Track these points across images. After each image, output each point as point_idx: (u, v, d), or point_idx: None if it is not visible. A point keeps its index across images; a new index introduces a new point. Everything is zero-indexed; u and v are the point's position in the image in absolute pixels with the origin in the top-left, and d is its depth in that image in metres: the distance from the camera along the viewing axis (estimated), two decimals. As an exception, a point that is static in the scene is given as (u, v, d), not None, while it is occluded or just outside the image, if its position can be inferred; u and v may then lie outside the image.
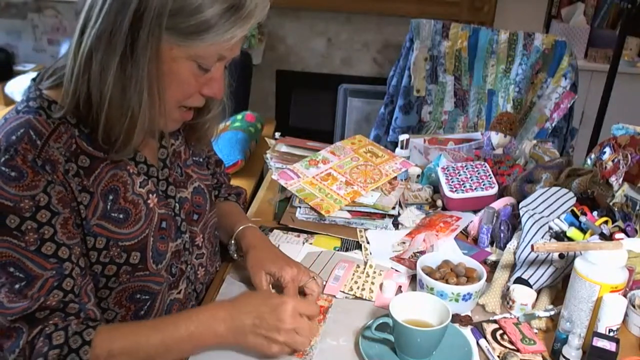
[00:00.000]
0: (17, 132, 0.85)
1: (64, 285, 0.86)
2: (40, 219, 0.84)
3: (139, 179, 0.97)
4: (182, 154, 1.09)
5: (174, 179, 1.05)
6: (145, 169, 0.99)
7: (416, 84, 2.46)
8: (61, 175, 0.86)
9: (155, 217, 0.98)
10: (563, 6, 3.37)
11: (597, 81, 2.94)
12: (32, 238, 0.83)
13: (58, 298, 0.85)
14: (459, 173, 1.46)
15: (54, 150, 0.86)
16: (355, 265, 1.20)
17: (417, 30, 2.43)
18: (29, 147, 0.84)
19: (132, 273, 0.95)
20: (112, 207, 0.92)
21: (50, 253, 0.85)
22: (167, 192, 1.03)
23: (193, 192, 1.09)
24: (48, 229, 0.85)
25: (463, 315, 1.06)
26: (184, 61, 0.87)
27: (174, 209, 1.03)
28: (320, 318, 1.03)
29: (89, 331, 0.85)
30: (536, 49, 2.39)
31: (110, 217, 0.92)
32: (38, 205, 0.83)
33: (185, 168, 1.09)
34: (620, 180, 1.30)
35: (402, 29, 3.04)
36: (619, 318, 0.98)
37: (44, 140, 0.85)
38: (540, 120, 2.44)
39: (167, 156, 1.05)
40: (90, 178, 0.90)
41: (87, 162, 0.90)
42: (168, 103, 0.91)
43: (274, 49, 3.43)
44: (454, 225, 1.35)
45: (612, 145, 1.39)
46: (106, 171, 0.92)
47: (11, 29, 3.50)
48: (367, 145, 1.54)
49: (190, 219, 1.08)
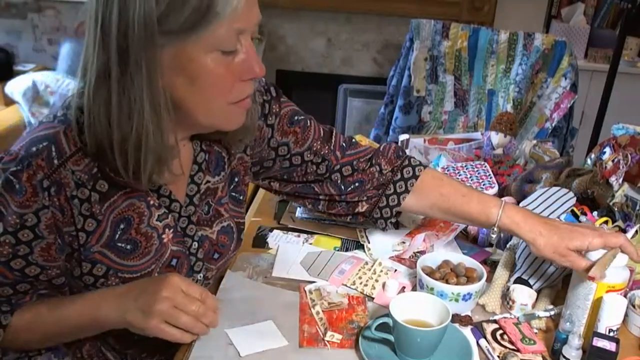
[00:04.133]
0: (40, 143, 0.82)
1: (18, 287, 0.88)
2: (20, 237, 0.83)
3: (157, 212, 0.93)
4: (217, 191, 1.02)
5: (198, 217, 0.99)
6: (167, 203, 0.94)
7: (416, 84, 2.46)
8: (63, 199, 0.84)
9: (166, 253, 0.95)
10: (563, 6, 3.37)
11: (597, 81, 2.95)
12: (6, 251, 0.83)
13: (5, 294, 0.87)
14: (459, 173, 1.46)
15: (67, 173, 0.83)
16: (364, 262, 1.20)
17: (417, 30, 2.43)
18: (44, 165, 0.81)
19: None
20: (120, 237, 0.90)
21: (17, 268, 0.85)
22: (186, 230, 0.98)
23: (219, 231, 1.03)
24: (24, 247, 0.84)
25: (463, 315, 1.06)
26: (205, 56, 0.80)
27: (190, 247, 0.99)
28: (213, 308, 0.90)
29: (6, 316, 0.88)
30: (536, 49, 2.39)
31: (116, 247, 0.90)
32: (23, 224, 0.82)
33: (217, 206, 1.02)
34: (620, 180, 1.30)
35: (402, 29, 3.05)
36: (619, 318, 0.98)
37: (62, 160, 0.83)
38: (540, 120, 2.44)
39: (197, 193, 0.99)
40: (105, 204, 0.88)
41: (105, 188, 0.87)
42: (214, 105, 0.85)
43: (274, 49, 3.43)
44: (454, 225, 1.35)
45: (612, 145, 1.39)
46: (123, 199, 0.89)
47: (11, 29, 3.50)
48: (367, 145, 1.53)
49: (210, 258, 1.02)
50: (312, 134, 1.12)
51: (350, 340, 0.98)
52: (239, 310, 1.04)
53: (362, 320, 1.03)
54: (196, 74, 0.81)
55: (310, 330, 1.00)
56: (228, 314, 1.02)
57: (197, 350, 0.95)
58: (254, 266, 1.19)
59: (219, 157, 1.03)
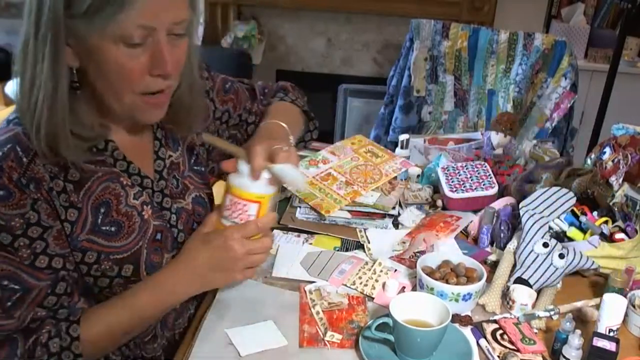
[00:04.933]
0: (4, 147, 0.84)
1: (57, 290, 0.88)
2: (31, 234, 0.85)
3: (132, 191, 0.96)
4: (180, 166, 1.07)
5: (170, 190, 1.03)
6: (139, 181, 0.98)
7: (416, 84, 2.46)
8: (45, 193, 0.86)
9: (150, 229, 0.97)
10: (563, 6, 3.37)
11: (597, 81, 2.95)
12: (26, 253, 0.85)
13: (51, 304, 0.88)
14: (459, 173, 1.46)
15: (39, 168, 0.85)
16: (364, 262, 1.20)
17: (417, 30, 2.43)
18: (15, 166, 0.83)
19: (125, 285, 0.95)
20: (103, 221, 0.92)
21: (44, 265, 0.86)
22: (162, 204, 1.01)
23: (193, 202, 1.07)
24: (40, 243, 0.86)
25: (463, 315, 1.06)
26: (109, 45, 0.81)
27: (169, 220, 1.02)
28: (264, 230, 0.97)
29: (74, 327, 0.88)
30: (536, 49, 2.39)
31: (101, 231, 0.92)
32: (29, 223, 0.84)
33: (183, 179, 1.07)
34: (620, 180, 1.30)
35: (402, 29, 3.05)
36: (619, 318, 0.98)
37: (31, 157, 0.85)
38: (540, 120, 2.44)
39: (164, 168, 1.03)
40: (80, 192, 0.90)
41: (77, 176, 0.90)
42: (122, 94, 0.87)
43: (274, 49, 3.43)
44: (454, 225, 1.35)
45: (612, 145, 1.39)
46: (97, 184, 0.92)
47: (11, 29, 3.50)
48: (367, 145, 1.54)
49: (190, 229, 1.05)
50: (243, 96, 1.22)
51: (350, 340, 0.98)
52: (239, 310, 1.04)
53: (362, 320, 1.03)
54: (101, 62, 0.83)
55: (310, 330, 1.00)
56: (228, 314, 1.02)
57: (197, 350, 0.95)
58: (254, 266, 1.19)
59: (173, 135, 1.08)
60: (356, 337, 0.98)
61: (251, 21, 3.28)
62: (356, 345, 0.97)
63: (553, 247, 1.15)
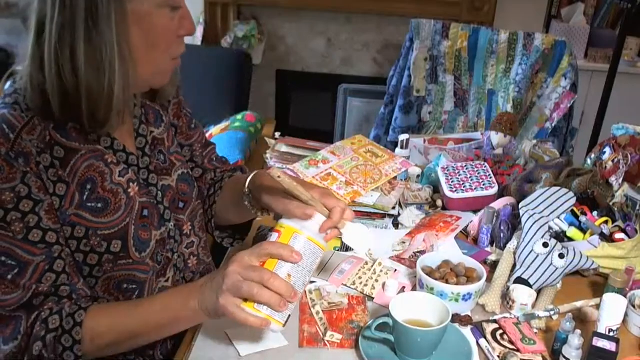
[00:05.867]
0: None
1: (55, 267, 0.89)
2: (23, 208, 0.86)
3: (118, 168, 0.97)
4: (165, 141, 1.09)
5: (156, 166, 1.05)
6: (124, 158, 0.99)
7: (416, 84, 2.46)
8: (34, 167, 0.87)
9: (136, 206, 0.98)
10: (563, 6, 3.37)
11: (597, 81, 2.94)
12: (19, 227, 0.86)
13: (50, 281, 0.88)
14: (459, 173, 1.46)
15: (26, 143, 0.87)
16: (364, 262, 1.20)
17: (417, 30, 2.43)
18: (2, 141, 0.85)
19: (115, 262, 0.95)
20: (89, 197, 0.93)
21: (37, 239, 0.87)
22: (149, 180, 1.03)
23: (178, 179, 1.08)
24: (32, 217, 0.87)
25: (463, 315, 1.06)
26: (158, 10, 0.89)
27: (156, 197, 1.03)
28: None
29: (80, 313, 0.88)
30: (536, 49, 2.39)
31: (88, 207, 0.92)
32: (19, 196, 0.85)
33: (169, 155, 1.09)
34: (620, 180, 1.30)
35: (402, 29, 3.05)
36: (619, 318, 0.98)
37: (17, 133, 0.86)
38: (540, 120, 2.44)
39: (146, 144, 1.04)
40: (66, 169, 0.91)
41: (61, 154, 0.91)
42: (160, 59, 0.94)
43: (274, 49, 3.42)
44: (454, 225, 1.35)
45: (612, 145, 1.39)
46: (81, 162, 0.92)
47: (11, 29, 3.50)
48: (367, 145, 1.54)
49: (176, 207, 1.07)
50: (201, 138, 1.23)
51: (350, 340, 0.98)
52: (239, 310, 1.03)
53: (362, 320, 1.03)
54: (151, 28, 0.90)
55: (310, 330, 1.00)
56: (228, 314, 1.02)
57: (197, 350, 0.95)
58: (254, 266, 1.18)
59: (155, 112, 1.10)
60: (356, 337, 0.98)
61: (251, 21, 3.28)
62: (356, 345, 0.97)
63: (553, 247, 1.15)
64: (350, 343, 0.98)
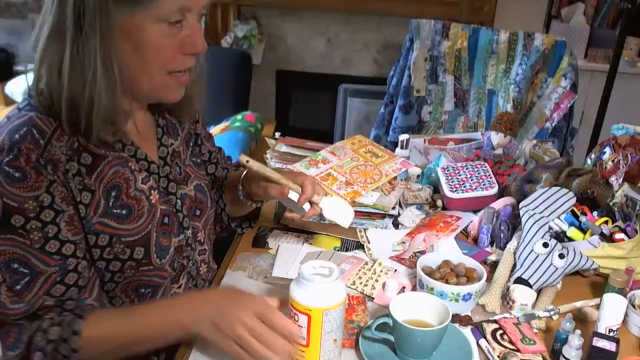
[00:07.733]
0: (20, 130, 0.85)
1: (66, 280, 0.88)
2: (44, 218, 0.85)
3: (140, 176, 0.98)
4: (181, 154, 1.11)
5: (174, 176, 1.06)
6: (146, 166, 1.00)
7: (416, 84, 2.46)
8: (62, 175, 0.87)
9: (157, 213, 0.99)
10: (563, 6, 3.37)
11: (597, 81, 2.95)
12: (37, 237, 0.85)
13: (59, 294, 0.88)
14: (459, 173, 1.46)
15: (56, 150, 0.87)
16: (364, 262, 1.20)
17: (417, 30, 2.43)
18: (32, 147, 0.84)
19: (137, 268, 0.96)
20: (114, 204, 0.93)
21: (54, 250, 0.87)
22: (168, 188, 1.04)
23: (195, 188, 1.10)
24: (52, 227, 0.86)
25: (463, 315, 1.06)
26: (152, 25, 0.87)
27: (175, 205, 1.04)
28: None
29: (77, 321, 0.88)
30: (536, 49, 2.39)
31: (113, 214, 0.93)
32: (42, 205, 0.85)
33: (184, 167, 1.10)
34: (620, 180, 1.30)
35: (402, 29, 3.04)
36: (619, 318, 0.98)
37: (47, 139, 0.86)
38: (540, 120, 2.44)
39: (167, 154, 1.06)
40: (93, 176, 0.91)
41: (89, 160, 0.91)
42: (155, 73, 0.91)
43: (274, 49, 3.42)
44: (454, 225, 1.35)
45: (612, 145, 1.39)
46: (108, 168, 0.93)
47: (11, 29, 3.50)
48: (367, 145, 1.54)
49: (193, 215, 1.09)
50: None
51: (350, 340, 0.98)
52: (239, 310, 1.04)
53: (362, 320, 1.03)
54: (141, 42, 0.88)
55: (310, 330, 1.00)
56: (228, 314, 1.02)
57: (197, 350, 0.95)
58: (254, 266, 1.19)
59: (172, 125, 1.11)
60: (356, 337, 0.98)
61: (251, 21, 3.28)
62: (356, 345, 0.97)
63: (553, 247, 1.15)
64: (350, 343, 0.98)
